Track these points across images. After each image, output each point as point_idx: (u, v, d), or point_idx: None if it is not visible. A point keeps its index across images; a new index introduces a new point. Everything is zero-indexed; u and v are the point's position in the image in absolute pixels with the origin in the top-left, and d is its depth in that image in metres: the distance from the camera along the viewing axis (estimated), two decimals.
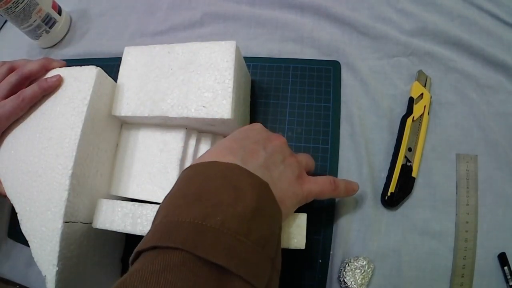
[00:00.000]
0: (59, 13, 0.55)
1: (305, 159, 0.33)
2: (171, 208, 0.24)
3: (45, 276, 0.31)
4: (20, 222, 0.33)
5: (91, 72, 0.36)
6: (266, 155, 0.28)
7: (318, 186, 0.31)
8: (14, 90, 0.37)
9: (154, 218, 0.25)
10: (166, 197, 0.26)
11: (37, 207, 0.32)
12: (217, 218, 0.22)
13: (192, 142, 0.38)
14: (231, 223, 0.22)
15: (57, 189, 0.32)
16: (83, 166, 0.34)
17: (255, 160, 0.27)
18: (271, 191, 0.26)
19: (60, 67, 0.39)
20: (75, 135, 0.33)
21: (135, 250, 0.22)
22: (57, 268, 0.31)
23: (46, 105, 0.36)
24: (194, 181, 0.25)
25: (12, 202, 0.34)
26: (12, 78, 0.38)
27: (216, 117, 0.33)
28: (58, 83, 0.37)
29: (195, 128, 0.38)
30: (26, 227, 0.33)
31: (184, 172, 0.27)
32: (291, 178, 0.29)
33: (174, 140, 0.37)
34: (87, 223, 0.34)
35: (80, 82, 0.36)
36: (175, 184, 0.27)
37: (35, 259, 0.32)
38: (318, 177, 0.32)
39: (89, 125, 0.34)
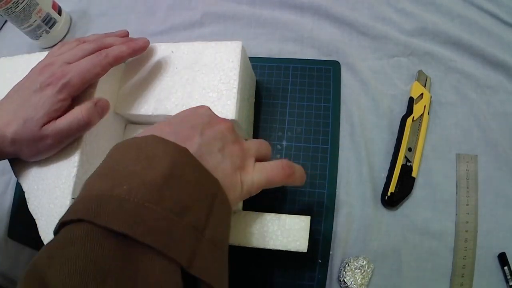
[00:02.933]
0: (59, 13, 0.55)
1: (256, 145, 0.30)
2: (84, 186, 0.23)
3: None
4: (27, 200, 0.33)
5: None
6: (201, 141, 0.25)
7: (263, 175, 0.28)
8: None
9: None
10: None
11: (45, 184, 0.32)
12: (124, 187, 0.20)
13: None
14: (138, 191, 0.20)
15: (66, 165, 0.32)
16: (92, 143, 0.34)
17: (188, 147, 0.24)
18: (194, 157, 0.23)
19: (142, 39, 0.36)
20: None
21: (53, 232, 0.22)
22: None
23: None
24: (111, 158, 0.24)
25: (19, 180, 0.34)
26: (87, 46, 0.33)
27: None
28: (147, 45, 0.34)
29: None
30: (33, 205, 0.33)
31: (107, 154, 0.26)
32: (229, 169, 0.26)
33: None
34: None
35: None
36: None
37: (42, 238, 0.32)
38: (266, 163, 0.29)
39: None
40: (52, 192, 0.32)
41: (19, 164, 0.35)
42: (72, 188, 0.31)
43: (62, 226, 0.20)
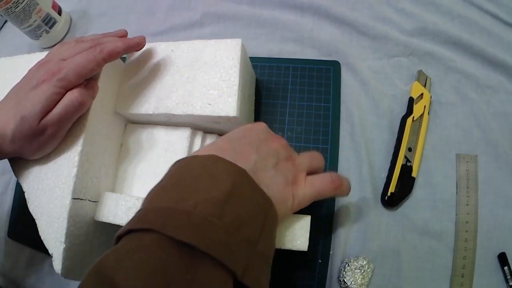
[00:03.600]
0: (59, 13, 0.55)
1: (308, 160, 0.32)
2: (149, 198, 0.25)
3: (52, 254, 0.31)
4: (27, 200, 0.33)
5: None
6: (257, 158, 0.27)
7: (314, 188, 0.30)
8: None
9: None
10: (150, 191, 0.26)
11: (45, 184, 0.32)
12: (190, 202, 0.22)
13: (198, 142, 0.38)
14: (203, 207, 0.22)
15: (66, 165, 0.32)
16: (92, 143, 0.34)
17: (245, 163, 0.26)
18: (251, 178, 0.25)
19: (139, 36, 0.36)
20: (85, 113, 0.33)
21: (115, 235, 0.23)
22: (64, 245, 0.31)
23: None
24: (175, 173, 0.26)
25: (19, 181, 0.34)
26: (84, 45, 0.32)
27: (222, 115, 0.33)
28: (143, 42, 0.34)
29: (200, 127, 0.38)
30: (33, 205, 0.33)
31: (169, 168, 0.27)
32: (281, 184, 0.28)
33: (179, 139, 0.37)
34: (95, 201, 0.35)
35: None
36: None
37: (42, 238, 0.32)
38: (317, 176, 0.31)
39: (99, 103, 0.34)
40: (52, 192, 0.32)
41: (19, 164, 0.35)
42: (72, 188, 0.31)
43: (128, 232, 0.22)
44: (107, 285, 0.19)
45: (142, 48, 0.36)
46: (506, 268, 0.34)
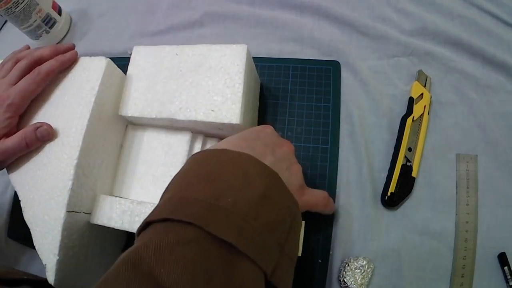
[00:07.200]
0: (59, 13, 0.55)
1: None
2: (183, 185, 0.25)
3: (45, 264, 0.31)
4: (23, 209, 0.33)
5: (101, 62, 0.35)
6: (274, 159, 0.28)
7: (314, 199, 0.32)
8: (25, 75, 0.36)
9: (163, 194, 0.26)
10: (175, 176, 0.27)
11: (40, 195, 0.32)
12: (228, 200, 0.23)
13: (198, 146, 0.38)
14: (241, 206, 0.23)
15: (62, 178, 0.32)
16: (89, 156, 0.34)
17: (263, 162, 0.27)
18: (282, 182, 0.26)
19: (70, 52, 0.38)
20: (81, 125, 0.33)
21: (145, 220, 0.23)
22: (57, 257, 0.31)
23: (54, 94, 0.36)
24: (206, 164, 0.26)
25: (16, 189, 0.34)
26: (22, 64, 0.36)
27: (225, 122, 0.33)
28: (75, 57, 0.37)
29: (202, 132, 0.38)
30: (28, 215, 0.33)
31: (194, 156, 0.28)
32: (295, 186, 0.29)
33: (179, 143, 0.37)
34: (90, 213, 0.35)
35: (89, 72, 0.35)
36: (184, 165, 0.27)
37: (36, 247, 0.32)
38: (315, 190, 0.33)
39: (96, 115, 0.34)
40: (47, 204, 0.32)
41: (15, 172, 0.35)
42: (67, 201, 0.31)
43: (164, 220, 0.22)
44: (145, 277, 0.19)
45: (74, 62, 0.37)
46: (506, 268, 0.34)
